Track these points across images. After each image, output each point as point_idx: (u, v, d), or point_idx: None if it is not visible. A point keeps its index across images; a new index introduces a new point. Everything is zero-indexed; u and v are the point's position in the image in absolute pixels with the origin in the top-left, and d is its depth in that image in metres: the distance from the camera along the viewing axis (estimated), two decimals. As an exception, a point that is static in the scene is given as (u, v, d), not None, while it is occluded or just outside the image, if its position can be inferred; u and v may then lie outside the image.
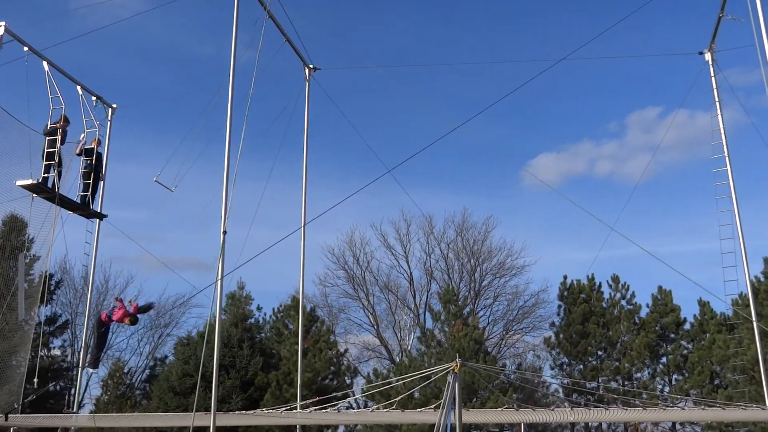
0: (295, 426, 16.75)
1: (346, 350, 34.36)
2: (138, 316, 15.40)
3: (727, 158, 15.05)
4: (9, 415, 12.86)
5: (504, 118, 66.64)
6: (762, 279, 26.18)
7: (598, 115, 66.84)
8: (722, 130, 15.19)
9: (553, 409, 15.69)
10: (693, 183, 61.52)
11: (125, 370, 39.24)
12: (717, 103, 15.34)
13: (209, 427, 12.44)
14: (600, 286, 31.22)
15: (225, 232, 12.33)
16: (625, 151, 63.51)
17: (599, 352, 30.32)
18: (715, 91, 15.39)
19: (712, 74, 15.47)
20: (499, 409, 15.98)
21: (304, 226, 15.14)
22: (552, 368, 31.20)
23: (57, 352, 38.05)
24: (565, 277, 31.60)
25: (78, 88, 16.04)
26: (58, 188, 14.24)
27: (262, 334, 33.46)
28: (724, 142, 15.12)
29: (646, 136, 58.66)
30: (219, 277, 12.05)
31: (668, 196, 63.65)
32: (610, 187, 62.76)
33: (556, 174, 61.49)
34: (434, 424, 8.94)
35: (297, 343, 18.22)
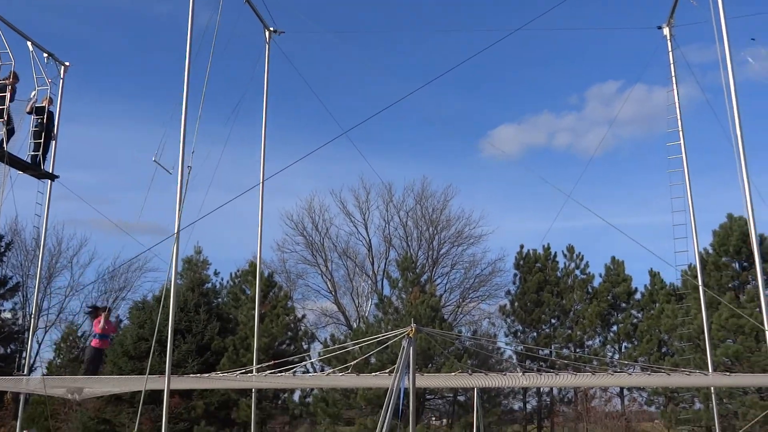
0: (251, 390, 16.84)
1: (303, 316, 34.52)
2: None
3: (680, 133, 15.38)
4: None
5: (465, 88, 66.81)
6: (710, 251, 26.99)
7: (559, 88, 67.45)
8: (677, 106, 15.49)
9: (505, 374, 16.06)
10: (648, 157, 62.78)
11: (78, 334, 38.80)
12: (673, 78, 15.61)
13: (163, 390, 12.41)
14: (555, 255, 31.84)
15: (190, 168, 12.15)
16: (584, 124, 64.38)
17: (552, 320, 31.06)
18: (671, 66, 15.64)
19: (670, 49, 15.70)
20: (453, 373, 16.28)
21: (262, 182, 15.04)
22: (506, 335, 31.93)
23: (8, 314, 37.38)
24: (522, 247, 32.19)
25: (29, 44, 15.53)
26: (7, 147, 13.84)
27: (219, 299, 33.36)
28: (679, 117, 15.43)
29: (605, 109, 59.50)
30: (176, 228, 11.94)
31: (624, 170, 64.84)
32: (569, 159, 63.65)
33: (516, 145, 62.06)
34: (389, 389, 9.08)
35: (254, 309, 18.18)
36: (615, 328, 30.41)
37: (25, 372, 18.80)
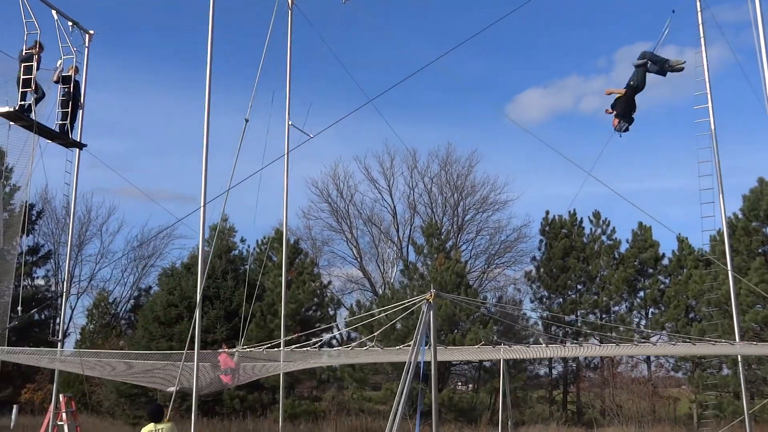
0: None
1: (329, 282, 34.85)
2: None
3: (708, 95, 15.07)
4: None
5: (491, 52, 65.92)
6: (740, 216, 26.61)
7: (587, 50, 66.24)
8: (705, 67, 15.16)
9: (529, 346, 16.12)
10: (677, 121, 61.66)
11: (110, 300, 39.64)
12: (702, 39, 15.25)
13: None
14: (581, 221, 31.64)
15: (247, 120, 12.31)
16: (613, 87, 63.20)
17: (578, 286, 30.96)
18: (700, 26, 15.27)
19: (699, 9, 15.33)
20: (476, 346, 16.38)
21: (287, 152, 15.10)
22: (532, 301, 31.94)
23: (41, 282, 38.28)
24: (547, 213, 32.02)
25: (53, 13, 15.63)
26: (36, 115, 14.05)
27: (246, 266, 33.77)
28: (707, 79, 15.10)
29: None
30: (203, 199, 12.10)
31: (652, 134, 63.82)
32: (597, 123, 62.78)
33: (543, 109, 61.35)
34: (409, 354, 9.19)
35: (281, 275, 18.39)
36: (642, 294, 30.25)
37: (59, 337, 19.27)
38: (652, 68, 12.27)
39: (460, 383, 32.63)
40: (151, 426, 10.67)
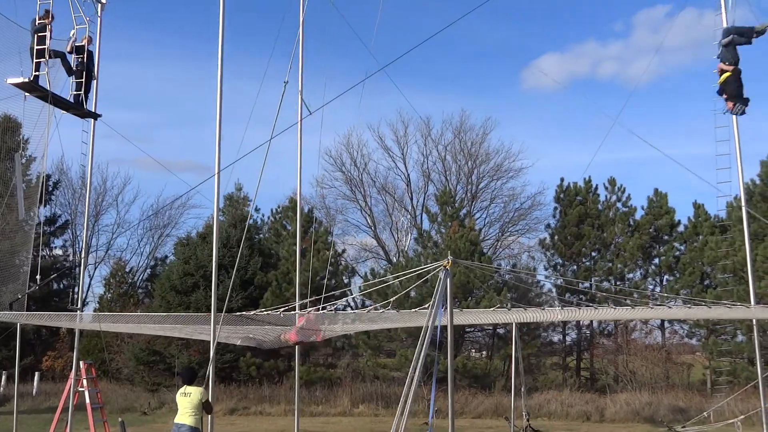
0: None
1: (343, 251, 35.02)
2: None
3: (728, 58, 14.78)
4: (13, 304, 13.27)
5: (507, 17, 65.08)
6: (757, 182, 26.37)
7: (605, 14, 65.28)
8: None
9: (543, 309, 16.17)
10: (696, 85, 60.81)
11: (127, 270, 40.08)
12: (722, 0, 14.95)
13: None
14: (596, 188, 31.46)
15: (287, 82, 12.34)
16: (630, 52, 62.45)
17: (593, 254, 30.91)
18: (720, -13, 14.95)
19: (719, -31, 14.99)
20: (491, 309, 16.45)
21: (300, 120, 15.07)
22: (546, 269, 31.95)
23: (59, 252, 38.74)
24: (562, 180, 31.84)
25: (65, -18, 15.56)
26: (50, 85, 14.07)
27: (261, 235, 33.98)
28: (726, 42, 14.80)
29: (653, 36, 57.53)
30: (216, 168, 12.15)
31: (671, 99, 63.04)
32: (614, 89, 62.04)
33: (560, 74, 60.65)
34: (426, 320, 9.26)
35: (295, 244, 18.50)
36: (657, 261, 30.17)
37: (78, 306, 19.57)
38: (740, 40, 12.03)
39: (474, 350, 32.86)
40: (183, 388, 10.99)
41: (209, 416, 11.79)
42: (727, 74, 12.12)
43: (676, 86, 64.39)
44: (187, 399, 10.76)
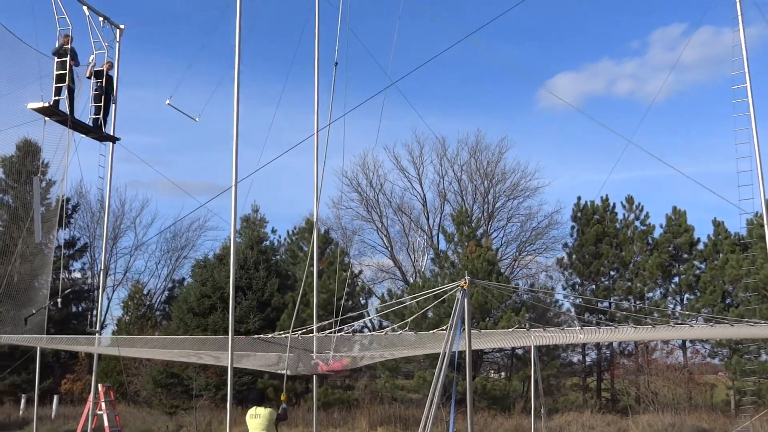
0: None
1: (360, 272, 34.91)
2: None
3: (747, 74, 14.72)
4: (28, 319, 13.34)
5: (522, 37, 65.27)
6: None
7: (620, 33, 65.27)
8: (743, 45, 14.80)
9: (563, 329, 15.93)
10: (714, 103, 60.47)
11: (144, 292, 40.22)
12: (739, 17, 14.89)
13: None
14: (614, 207, 31.22)
15: (336, 63, 12.43)
16: (646, 70, 62.32)
17: (612, 273, 30.60)
18: (737, 3, 14.91)
19: (736, -13, 14.95)
20: (510, 329, 16.27)
21: (317, 133, 15.09)
22: (564, 288, 31.63)
23: (77, 274, 38.99)
24: (579, 198, 31.65)
25: (84, 8, 15.80)
26: (71, 111, 14.23)
27: (278, 257, 34.02)
28: (745, 58, 14.75)
29: (669, 54, 57.41)
30: (234, 180, 12.17)
31: (688, 117, 62.71)
32: (630, 107, 61.86)
33: (575, 93, 60.62)
34: (444, 341, 9.16)
35: (312, 265, 18.48)
36: (677, 279, 29.79)
37: (97, 329, 19.65)
38: None
39: (492, 371, 32.54)
40: (252, 410, 11.21)
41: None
42: None
43: (692, 103, 64.08)
44: (257, 420, 11.05)
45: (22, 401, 29.33)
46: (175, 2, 67.30)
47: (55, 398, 29.70)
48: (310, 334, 15.09)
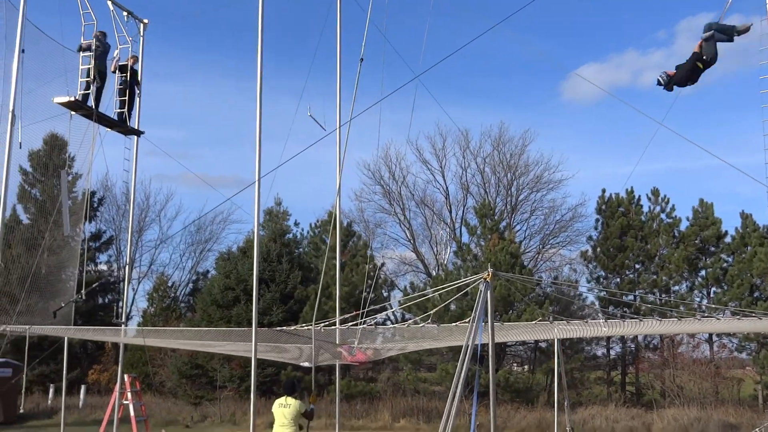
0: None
1: (383, 264, 34.96)
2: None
3: (775, 64, 14.43)
4: (57, 312, 13.56)
5: (546, 29, 64.66)
6: (809, 191, 25.59)
7: (646, 23, 64.38)
8: (772, 35, 14.50)
9: (587, 322, 15.82)
10: (742, 93, 59.47)
11: (169, 284, 40.65)
12: (767, 4, 14.59)
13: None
14: (639, 199, 30.91)
15: (362, 60, 12.44)
16: (673, 61, 61.40)
17: (636, 266, 30.32)
18: (766, -8, 14.60)
19: (764, -26, 14.65)
20: (533, 322, 16.20)
21: (339, 128, 15.13)
22: (588, 281, 31.41)
23: (103, 267, 39.50)
24: (603, 191, 31.35)
25: (109, 3, 15.97)
26: (97, 105, 14.42)
27: (300, 249, 34.18)
28: (774, 48, 14.46)
29: (697, 43, 56.44)
30: (257, 175, 12.27)
31: (715, 108, 61.80)
32: (655, 99, 61.07)
33: (600, 84, 59.95)
34: (467, 334, 9.16)
35: (334, 258, 18.56)
36: (703, 272, 29.45)
37: (123, 320, 19.92)
38: (720, 37, 11.75)
39: (515, 364, 32.46)
40: (282, 399, 11.22)
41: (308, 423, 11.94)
42: (696, 51, 11.78)
43: (719, 95, 63.11)
44: (286, 410, 11.03)
45: (51, 391, 29.84)
46: (198, -4, 67.67)
47: (83, 388, 30.19)
48: (333, 327, 15.17)
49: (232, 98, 72.52)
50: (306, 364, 16.70)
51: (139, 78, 16.26)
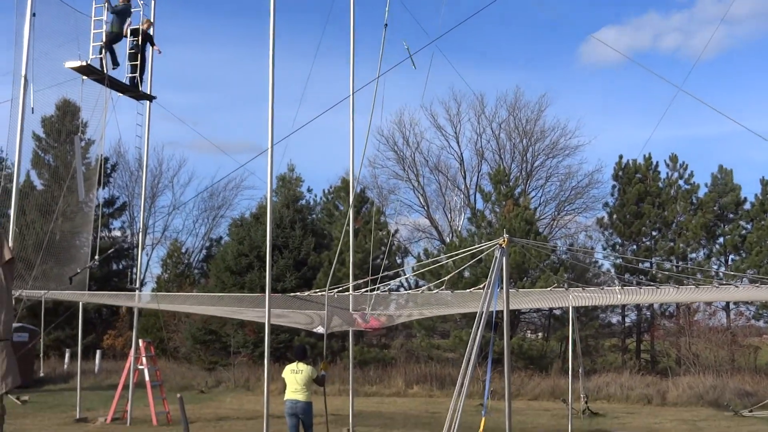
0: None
1: (396, 231, 35.02)
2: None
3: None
4: (72, 279, 13.72)
5: (562, -11, 63.51)
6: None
7: (666, -16, 63.10)
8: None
9: (603, 289, 15.80)
10: (766, 57, 58.42)
11: (183, 251, 40.99)
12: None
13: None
14: (657, 165, 30.68)
15: (386, 25, 12.29)
16: (694, 24, 60.39)
17: (653, 233, 30.20)
18: (793, -49, 14.26)
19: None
20: (548, 288, 16.21)
21: (352, 94, 15.01)
22: (604, 249, 31.36)
23: (117, 233, 39.87)
24: (621, 157, 31.15)
25: (120, -34, 15.83)
26: (107, 69, 14.40)
27: (314, 216, 34.28)
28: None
29: (719, 6, 55.48)
30: (270, 141, 12.25)
31: (737, 72, 60.77)
32: (675, 63, 60.14)
33: (619, 48, 59.05)
34: (481, 301, 9.19)
35: (348, 224, 18.59)
36: (721, 240, 29.31)
37: (137, 285, 20.18)
38: None
39: (529, 331, 32.62)
40: (294, 365, 11.38)
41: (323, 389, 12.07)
42: None
43: (742, 59, 62.02)
44: (299, 376, 11.16)
45: (67, 356, 30.35)
46: (209, -42, 67.01)
47: (98, 353, 30.69)
48: (346, 293, 15.24)
49: (246, 62, 72.24)
50: (319, 329, 16.83)
51: (154, 44, 16.14)
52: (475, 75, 63.14)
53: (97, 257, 14.93)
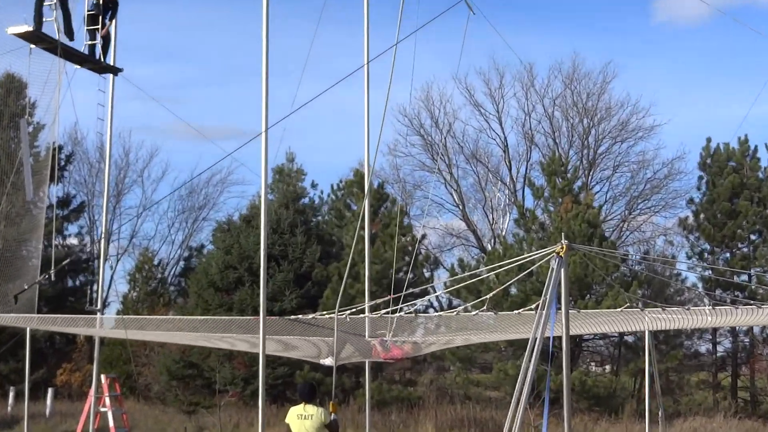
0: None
1: (423, 236, 35.05)
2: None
3: None
4: (18, 297, 13.86)
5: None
6: None
7: None
8: None
9: (688, 309, 15.77)
10: None
11: (155, 263, 41.24)
12: None
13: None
14: (755, 150, 30.48)
15: None
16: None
17: (752, 237, 30.04)
18: None
19: None
20: (618, 309, 16.18)
21: (367, 63, 15.03)
22: (689, 257, 31.24)
23: (73, 240, 40.17)
24: (709, 140, 30.98)
25: None
26: (60, 35, 14.48)
27: (319, 218, 34.38)
28: None
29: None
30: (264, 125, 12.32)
31: None
32: (777, 17, 59.58)
33: (701, 6, 58.56)
34: (534, 325, 9.18)
35: (363, 228, 18.64)
36: (841, 245, 29.10)
37: (98, 307, 20.28)
38: None
39: (594, 363, 32.51)
40: (300, 407, 11.23)
41: None
42: None
43: None
44: (308, 422, 11.02)
45: (11, 395, 30.60)
46: None
47: (50, 392, 30.92)
48: (362, 315, 15.28)
49: (234, 27, 72.55)
50: (327, 361, 16.89)
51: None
52: (523, 40, 63.00)
53: (49, 271, 15.02)
